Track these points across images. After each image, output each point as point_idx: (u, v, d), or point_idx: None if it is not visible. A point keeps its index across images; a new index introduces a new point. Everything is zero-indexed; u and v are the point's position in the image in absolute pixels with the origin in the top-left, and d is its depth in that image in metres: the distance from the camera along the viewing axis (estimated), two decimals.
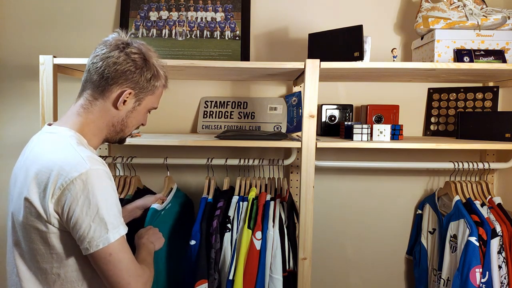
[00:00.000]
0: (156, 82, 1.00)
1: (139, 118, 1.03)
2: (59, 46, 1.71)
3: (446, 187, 1.60)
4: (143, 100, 1.00)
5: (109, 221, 0.83)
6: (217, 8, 1.69)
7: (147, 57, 0.98)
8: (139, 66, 0.95)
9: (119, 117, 0.97)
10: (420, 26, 1.47)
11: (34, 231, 0.86)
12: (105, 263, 0.83)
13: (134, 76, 0.95)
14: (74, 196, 0.81)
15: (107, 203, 0.83)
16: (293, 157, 1.59)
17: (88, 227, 0.81)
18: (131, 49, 0.95)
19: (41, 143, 0.92)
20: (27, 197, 0.85)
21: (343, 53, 1.37)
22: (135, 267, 0.87)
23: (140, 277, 0.87)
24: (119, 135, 1.01)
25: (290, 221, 1.40)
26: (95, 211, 0.81)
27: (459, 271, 1.36)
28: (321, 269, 1.79)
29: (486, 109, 1.66)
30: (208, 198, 1.46)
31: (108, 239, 0.82)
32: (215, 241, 1.32)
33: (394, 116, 1.62)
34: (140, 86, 0.96)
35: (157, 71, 1.00)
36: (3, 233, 1.76)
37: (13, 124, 1.74)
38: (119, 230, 0.84)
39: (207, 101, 1.73)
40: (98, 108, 0.95)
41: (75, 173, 0.81)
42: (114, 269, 0.83)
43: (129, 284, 0.85)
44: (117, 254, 0.83)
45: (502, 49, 1.40)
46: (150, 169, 1.73)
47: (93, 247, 0.81)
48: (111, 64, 0.92)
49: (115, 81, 0.93)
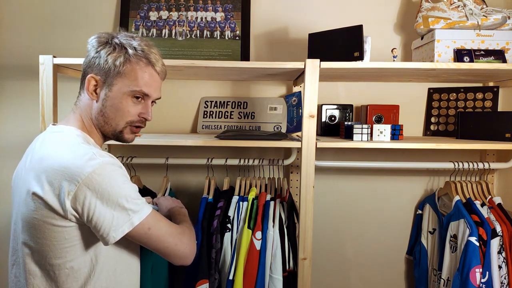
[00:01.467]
0: (117, 60, 0.91)
1: (119, 106, 0.93)
2: (59, 46, 1.71)
3: (446, 187, 1.60)
4: (114, 85, 0.92)
5: (130, 207, 0.85)
6: (217, 8, 1.69)
7: (110, 37, 0.94)
8: (97, 49, 0.93)
9: (97, 108, 0.94)
10: (420, 26, 1.47)
11: (48, 226, 0.86)
12: (148, 237, 0.88)
13: (96, 60, 0.92)
14: (92, 191, 0.82)
15: (126, 191, 0.85)
16: (293, 157, 1.59)
17: (111, 217, 0.83)
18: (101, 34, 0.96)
19: (49, 142, 0.92)
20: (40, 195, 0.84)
21: (343, 53, 1.37)
22: (175, 229, 0.94)
23: (182, 235, 0.95)
24: (108, 129, 0.96)
25: (290, 221, 1.40)
26: (115, 201, 0.84)
27: (459, 271, 1.36)
28: (321, 269, 1.79)
29: (486, 109, 1.65)
30: (208, 198, 1.46)
31: (133, 222, 0.85)
32: (216, 241, 1.32)
33: (394, 116, 1.62)
34: (103, 69, 0.92)
35: (119, 47, 0.92)
36: (3, 233, 1.76)
37: (13, 124, 1.74)
38: (142, 211, 0.87)
39: (207, 101, 1.73)
40: (82, 103, 0.97)
41: (89, 169, 0.82)
42: (159, 238, 0.89)
43: (176, 245, 0.92)
44: (155, 226, 0.89)
45: (502, 49, 1.40)
46: (150, 169, 1.73)
47: (118, 234, 0.84)
48: (85, 57, 0.96)
49: (86, 71, 0.95)
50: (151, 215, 0.89)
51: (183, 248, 0.94)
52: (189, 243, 0.96)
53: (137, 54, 0.93)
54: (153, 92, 0.97)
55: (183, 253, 0.94)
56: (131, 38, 0.95)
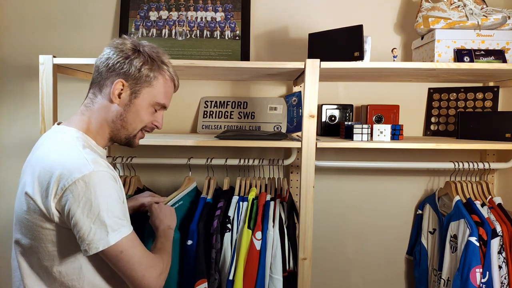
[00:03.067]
0: (150, 72, 0.96)
1: (141, 114, 0.98)
2: (59, 46, 1.71)
3: (446, 187, 1.60)
4: (140, 92, 0.96)
5: (109, 224, 0.82)
6: (217, 8, 1.69)
7: (137, 45, 0.96)
8: (127, 56, 0.94)
9: (117, 112, 0.96)
10: (420, 26, 1.47)
11: (36, 228, 0.87)
12: (117, 260, 0.84)
13: (124, 66, 0.94)
14: (75, 197, 0.81)
15: (109, 205, 0.83)
16: (293, 157, 1.59)
17: (89, 229, 0.81)
18: (123, 41, 0.97)
19: (48, 143, 0.93)
20: (30, 195, 0.86)
21: (343, 53, 1.37)
22: (147, 259, 0.89)
23: (153, 268, 0.89)
24: (123, 133, 0.98)
25: (290, 221, 1.40)
26: (96, 214, 0.81)
27: (459, 271, 1.36)
28: (321, 269, 1.79)
29: (486, 109, 1.65)
30: (207, 198, 1.45)
31: (108, 242, 0.82)
32: (216, 241, 1.32)
33: (394, 116, 1.62)
34: (132, 76, 0.94)
35: (151, 59, 0.96)
36: (3, 232, 1.76)
37: (13, 124, 1.74)
38: (120, 232, 0.84)
39: (207, 101, 1.73)
40: (98, 105, 0.96)
41: (78, 174, 0.81)
42: (127, 265, 0.85)
43: (143, 277, 0.87)
44: (127, 251, 0.85)
45: (502, 49, 1.40)
46: (150, 169, 1.73)
47: (92, 250, 0.82)
48: (104, 59, 0.95)
49: (109, 75, 0.94)
50: (128, 238, 0.85)
51: (149, 281, 0.88)
52: (156, 278, 0.90)
53: (164, 69, 0.99)
54: (168, 104, 1.04)
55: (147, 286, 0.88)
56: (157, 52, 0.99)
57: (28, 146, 1.74)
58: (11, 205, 1.74)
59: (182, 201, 1.40)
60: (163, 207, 1.19)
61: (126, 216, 0.88)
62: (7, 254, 1.76)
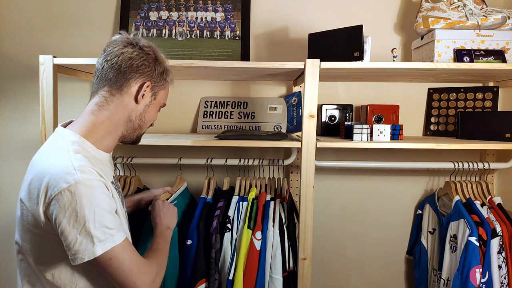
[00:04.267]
0: (167, 77, 1.04)
1: (153, 113, 1.04)
2: (59, 46, 1.71)
3: (446, 187, 1.60)
4: (158, 94, 1.02)
5: (96, 234, 0.81)
6: (217, 8, 1.69)
7: (156, 52, 1.01)
8: (152, 60, 0.99)
9: (137, 112, 0.99)
10: (420, 26, 1.47)
11: (29, 232, 0.87)
12: (107, 266, 0.83)
13: (149, 69, 0.98)
14: (62, 207, 0.80)
15: (96, 215, 0.81)
16: (293, 157, 1.59)
17: (75, 240, 0.80)
18: (144, 43, 0.98)
19: (46, 146, 0.93)
20: (23, 200, 0.86)
21: (343, 53, 1.37)
22: (138, 266, 0.87)
23: (145, 274, 0.88)
24: (137, 132, 1.02)
25: (290, 221, 1.40)
26: (82, 224, 0.80)
27: (459, 271, 1.36)
28: (321, 269, 1.79)
29: (486, 109, 1.65)
30: (207, 198, 1.46)
31: (94, 252, 0.81)
32: (215, 241, 1.32)
33: (394, 116, 1.62)
34: (154, 79, 0.99)
35: (165, 66, 1.03)
36: (3, 232, 1.76)
37: (13, 124, 1.74)
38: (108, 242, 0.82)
39: (207, 101, 1.73)
40: (115, 104, 0.95)
41: (64, 184, 0.80)
42: (117, 271, 0.84)
43: (134, 283, 0.85)
44: (117, 258, 0.83)
45: (502, 49, 1.40)
46: (150, 169, 1.73)
47: (78, 260, 0.81)
48: (127, 59, 0.95)
49: (132, 75, 0.95)
50: (117, 246, 0.83)
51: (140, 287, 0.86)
52: (149, 284, 0.88)
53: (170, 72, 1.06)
54: None
55: None
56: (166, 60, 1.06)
57: (28, 146, 1.76)
58: (10, 205, 1.75)
59: (177, 201, 1.40)
60: (166, 205, 1.20)
61: (116, 224, 0.85)
62: (7, 254, 1.76)
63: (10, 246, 1.73)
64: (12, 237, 0.97)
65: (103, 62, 0.96)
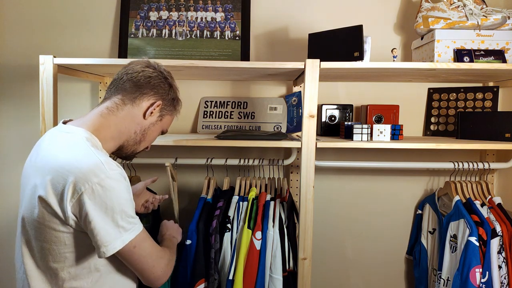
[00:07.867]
0: (177, 106, 1.10)
1: (155, 134, 1.07)
2: (59, 46, 1.71)
3: (446, 187, 1.60)
4: (164, 117, 1.06)
5: (122, 225, 0.86)
6: (217, 8, 1.69)
7: (173, 80, 1.08)
8: (168, 85, 1.05)
9: (142, 126, 1.02)
10: (420, 26, 1.47)
11: (49, 231, 0.87)
12: (130, 255, 0.89)
13: (163, 92, 1.03)
14: (92, 201, 0.82)
15: (122, 207, 0.86)
16: (293, 157, 1.59)
17: (105, 232, 0.84)
18: (164, 69, 1.06)
19: (56, 143, 0.91)
20: (43, 198, 0.85)
21: (343, 53, 1.37)
22: (157, 251, 0.95)
23: (161, 259, 0.96)
24: (135, 146, 1.04)
25: (290, 221, 1.40)
26: (111, 216, 0.84)
27: (459, 271, 1.36)
28: (321, 269, 1.79)
29: (486, 109, 1.66)
30: (206, 198, 1.46)
31: (124, 241, 0.86)
32: (215, 241, 1.32)
33: (394, 116, 1.62)
34: (166, 102, 1.05)
35: (178, 96, 1.10)
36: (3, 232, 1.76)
37: (13, 125, 1.74)
38: (133, 231, 0.88)
39: (207, 101, 1.73)
40: (125, 112, 0.99)
41: (94, 179, 0.83)
42: (140, 258, 0.90)
43: (153, 267, 0.93)
44: (139, 245, 0.90)
45: (502, 49, 1.40)
46: (150, 169, 1.73)
47: (109, 251, 0.84)
48: (146, 76, 1.01)
49: (147, 91, 1.00)
50: (139, 234, 0.90)
51: (158, 271, 0.94)
52: (164, 268, 0.97)
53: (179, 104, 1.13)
54: None
55: (156, 276, 0.94)
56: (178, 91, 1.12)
57: (28, 146, 1.74)
58: (10, 205, 1.75)
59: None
60: (171, 225, 1.25)
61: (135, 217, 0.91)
62: (7, 254, 1.76)
63: (10, 246, 1.73)
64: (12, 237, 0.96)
65: (122, 74, 1.01)
